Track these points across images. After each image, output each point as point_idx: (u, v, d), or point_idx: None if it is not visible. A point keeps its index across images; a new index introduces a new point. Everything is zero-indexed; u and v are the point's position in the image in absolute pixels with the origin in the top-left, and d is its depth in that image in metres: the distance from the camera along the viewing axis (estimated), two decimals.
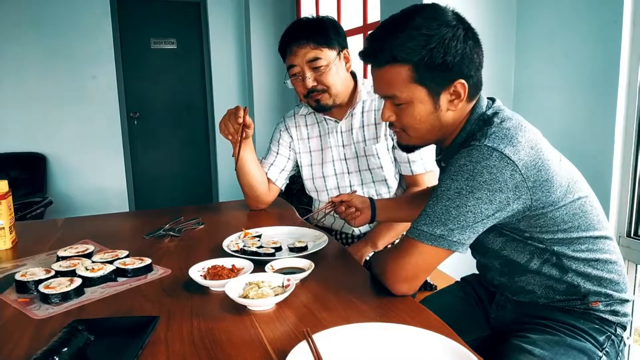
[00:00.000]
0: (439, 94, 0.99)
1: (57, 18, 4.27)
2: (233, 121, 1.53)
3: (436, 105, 1.00)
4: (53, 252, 1.29)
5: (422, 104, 0.99)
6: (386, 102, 1.04)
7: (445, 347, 0.78)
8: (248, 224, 1.52)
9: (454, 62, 0.95)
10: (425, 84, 0.97)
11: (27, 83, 4.27)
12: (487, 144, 0.92)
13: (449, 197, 0.94)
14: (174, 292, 1.05)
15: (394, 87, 0.99)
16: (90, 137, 4.53)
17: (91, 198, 4.53)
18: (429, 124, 1.02)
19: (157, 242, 1.41)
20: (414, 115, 1.01)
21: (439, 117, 1.01)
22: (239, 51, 4.96)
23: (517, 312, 1.13)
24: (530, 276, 1.06)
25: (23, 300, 1.01)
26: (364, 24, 3.41)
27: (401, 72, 0.97)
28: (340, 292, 1.04)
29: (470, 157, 0.92)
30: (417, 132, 1.04)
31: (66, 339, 0.76)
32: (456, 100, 0.99)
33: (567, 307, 1.06)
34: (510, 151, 0.91)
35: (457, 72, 0.97)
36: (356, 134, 1.67)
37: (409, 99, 0.99)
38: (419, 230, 0.96)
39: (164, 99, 4.92)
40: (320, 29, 1.56)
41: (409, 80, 0.97)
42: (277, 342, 0.83)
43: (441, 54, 0.94)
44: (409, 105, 1.00)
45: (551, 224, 0.98)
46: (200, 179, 5.21)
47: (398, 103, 1.01)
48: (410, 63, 0.96)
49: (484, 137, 0.94)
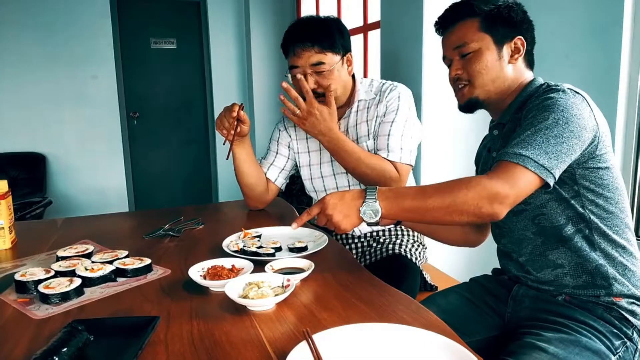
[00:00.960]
0: (502, 44, 1.13)
1: (57, 18, 4.27)
2: (228, 116, 1.53)
3: (500, 54, 1.13)
4: (53, 252, 1.28)
5: (489, 50, 1.13)
6: (454, 60, 1.17)
7: (446, 348, 0.78)
8: (248, 224, 1.52)
9: (516, 19, 1.13)
10: (491, 32, 1.13)
11: (27, 82, 4.26)
12: (569, 88, 1.04)
13: (547, 126, 0.98)
14: (174, 293, 1.05)
15: (465, 36, 1.14)
16: (90, 137, 4.53)
17: (91, 198, 4.53)
18: (494, 71, 1.13)
19: (157, 242, 1.41)
20: (481, 60, 1.13)
21: (502, 66, 1.14)
22: (239, 51, 4.96)
23: (533, 307, 1.13)
24: (561, 249, 1.08)
25: (23, 300, 1.01)
26: (364, 23, 3.41)
27: (473, 23, 1.14)
28: (340, 293, 1.04)
29: (559, 95, 1.01)
30: (483, 79, 1.14)
31: (65, 339, 0.76)
32: (516, 54, 1.14)
33: (592, 297, 1.06)
34: (587, 97, 1.04)
35: (518, 30, 1.13)
36: (352, 133, 1.68)
37: (477, 46, 1.13)
38: (524, 156, 0.96)
39: (163, 98, 4.92)
40: (326, 33, 1.56)
41: (478, 29, 1.13)
42: (277, 342, 0.83)
43: (507, 10, 1.12)
44: (477, 52, 1.13)
45: (599, 183, 1.05)
46: (200, 178, 5.20)
47: (466, 53, 1.14)
48: (482, 14, 1.13)
49: (560, 86, 1.05)
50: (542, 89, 1.10)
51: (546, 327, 1.05)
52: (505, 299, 1.20)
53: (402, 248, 1.64)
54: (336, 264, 1.23)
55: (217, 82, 4.93)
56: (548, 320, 1.07)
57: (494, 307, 1.22)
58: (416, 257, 1.64)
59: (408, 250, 1.64)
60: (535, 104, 1.04)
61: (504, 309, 1.19)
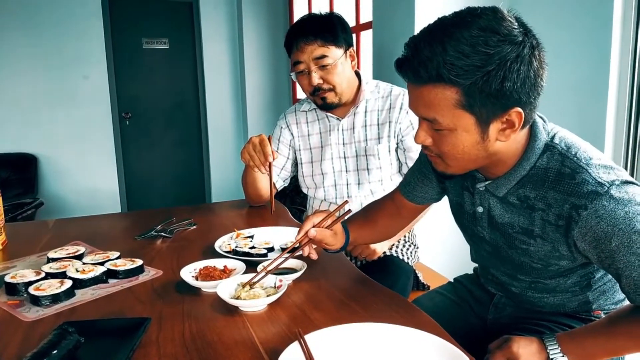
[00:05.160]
0: (489, 123, 0.82)
1: (48, 18, 4.23)
2: (260, 155, 1.50)
3: (484, 135, 0.83)
4: (43, 254, 1.28)
5: (467, 133, 0.83)
6: (422, 122, 0.88)
7: (438, 347, 0.78)
8: (240, 225, 1.52)
9: (513, 88, 0.78)
10: (474, 111, 0.81)
11: (18, 83, 4.23)
12: (608, 181, 0.82)
13: None
14: (166, 294, 1.05)
15: (435, 110, 0.82)
16: (82, 138, 4.50)
17: (82, 199, 4.50)
18: (473, 154, 0.86)
19: (149, 243, 1.40)
20: (456, 144, 0.85)
21: (485, 147, 0.85)
22: (232, 51, 4.94)
23: (517, 315, 1.12)
24: (551, 294, 1.03)
25: (13, 303, 1.01)
26: (356, 24, 3.42)
27: (446, 95, 0.80)
28: (332, 293, 1.04)
29: (619, 203, 0.80)
30: (458, 162, 0.89)
31: (56, 341, 0.76)
32: (508, 130, 0.83)
33: (570, 313, 1.06)
34: (623, 173, 0.85)
35: (515, 100, 0.80)
36: (358, 133, 1.67)
37: (452, 126, 0.83)
38: None
39: (156, 99, 4.89)
40: (329, 26, 1.56)
41: (455, 105, 0.80)
42: (269, 343, 0.83)
43: (499, 78, 0.77)
44: (451, 132, 0.84)
45: None
46: (193, 179, 5.19)
47: (438, 128, 0.85)
48: (459, 86, 0.78)
49: (595, 181, 0.82)
50: (550, 160, 0.88)
51: (530, 330, 1.05)
52: (487, 305, 1.19)
53: (394, 249, 1.65)
54: (328, 265, 1.23)
55: (210, 82, 4.91)
56: (531, 323, 1.07)
57: (476, 311, 1.22)
58: (408, 257, 1.65)
59: (399, 251, 1.65)
60: (603, 229, 0.81)
61: (486, 313, 1.19)
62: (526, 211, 0.92)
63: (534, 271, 0.99)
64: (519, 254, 0.98)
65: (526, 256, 0.97)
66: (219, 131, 5.00)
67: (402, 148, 1.66)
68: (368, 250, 1.57)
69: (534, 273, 1.00)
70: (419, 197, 1.20)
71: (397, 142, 1.66)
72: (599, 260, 0.85)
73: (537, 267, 0.97)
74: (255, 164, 1.52)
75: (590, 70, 1.84)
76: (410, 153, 1.65)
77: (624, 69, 1.75)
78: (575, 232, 0.84)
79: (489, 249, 1.05)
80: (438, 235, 2.31)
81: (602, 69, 1.78)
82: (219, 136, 5.00)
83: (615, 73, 1.77)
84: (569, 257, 0.91)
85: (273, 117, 4.25)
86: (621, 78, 1.76)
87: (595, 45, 1.80)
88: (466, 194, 1.04)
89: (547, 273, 0.98)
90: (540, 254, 0.94)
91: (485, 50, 0.76)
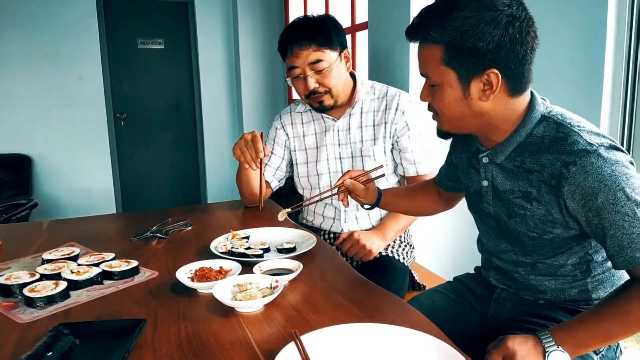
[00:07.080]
0: (469, 80, 0.93)
1: (43, 18, 4.21)
2: (251, 151, 1.51)
3: (465, 92, 0.95)
4: (38, 255, 1.27)
5: (451, 88, 0.95)
6: (425, 82, 1.02)
7: (433, 347, 0.78)
8: (236, 226, 1.52)
9: (486, 49, 0.88)
10: (455, 67, 0.93)
11: (12, 83, 4.20)
12: (598, 142, 0.89)
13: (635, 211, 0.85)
14: (161, 295, 1.04)
15: (426, 66, 0.98)
16: (77, 138, 4.47)
17: (77, 200, 4.48)
18: (458, 110, 0.97)
19: (144, 244, 1.40)
20: (443, 99, 0.97)
21: (469, 105, 0.96)
22: (227, 51, 4.94)
23: (516, 310, 1.13)
24: (552, 277, 1.06)
25: (7, 304, 1.00)
26: (352, 24, 3.42)
27: (433, 52, 0.94)
28: (328, 293, 1.04)
29: (606, 162, 0.86)
30: (447, 117, 1.00)
31: (51, 343, 0.75)
32: (488, 91, 0.93)
33: (571, 307, 1.07)
34: (614, 142, 0.92)
35: (491, 61, 0.90)
36: (354, 134, 1.67)
37: (439, 81, 0.96)
38: None
39: (151, 99, 4.88)
40: (323, 30, 1.56)
41: (439, 61, 0.94)
42: (265, 343, 0.83)
43: (472, 38, 0.88)
44: (440, 88, 0.97)
45: None
46: (188, 180, 5.17)
47: (431, 84, 0.99)
48: (440, 43, 0.92)
49: (585, 141, 0.89)
50: (546, 129, 0.96)
51: (528, 329, 1.05)
52: (487, 301, 1.20)
53: (390, 249, 1.65)
54: (325, 265, 1.23)
55: (205, 82, 4.90)
56: (530, 322, 1.08)
57: (476, 308, 1.23)
58: (404, 257, 1.65)
59: (395, 252, 1.65)
60: (590, 185, 0.86)
61: (487, 310, 1.20)
62: (524, 175, 0.98)
63: (531, 242, 1.03)
64: (517, 222, 1.02)
65: (523, 224, 1.01)
66: (215, 131, 4.99)
67: (397, 149, 1.66)
68: (364, 251, 1.57)
69: (530, 245, 1.04)
70: (444, 184, 1.33)
71: (392, 143, 1.66)
72: (587, 221, 0.90)
73: (533, 237, 1.02)
74: (246, 160, 1.52)
75: (584, 70, 1.84)
76: (406, 154, 1.65)
77: (619, 70, 1.76)
78: (565, 190, 0.90)
79: (493, 223, 1.10)
80: (434, 236, 2.31)
81: (597, 69, 1.78)
82: (215, 136, 5.00)
83: (610, 74, 1.77)
84: (561, 222, 0.96)
85: (268, 118, 4.24)
86: (615, 79, 1.77)
87: (589, 45, 1.81)
88: (472, 172, 1.13)
89: (544, 247, 1.02)
90: (535, 219, 0.99)
91: (464, 14, 0.89)
